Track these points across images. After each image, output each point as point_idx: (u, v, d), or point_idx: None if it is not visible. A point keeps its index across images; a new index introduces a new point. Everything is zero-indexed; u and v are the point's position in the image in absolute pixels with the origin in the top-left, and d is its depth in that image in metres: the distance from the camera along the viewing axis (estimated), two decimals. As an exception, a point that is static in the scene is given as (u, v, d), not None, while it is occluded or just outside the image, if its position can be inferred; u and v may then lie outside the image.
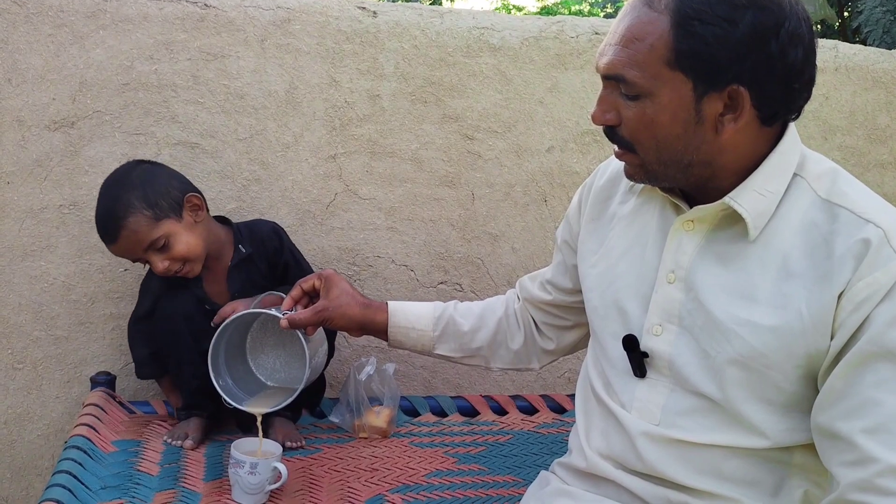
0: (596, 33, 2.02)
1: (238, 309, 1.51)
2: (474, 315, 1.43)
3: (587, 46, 2.00)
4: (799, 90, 1.00)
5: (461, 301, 1.47)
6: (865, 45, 2.44)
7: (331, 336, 1.68)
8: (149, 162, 1.67)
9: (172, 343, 1.60)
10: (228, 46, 1.81)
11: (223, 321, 1.46)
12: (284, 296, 1.43)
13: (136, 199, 1.55)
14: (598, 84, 2.09)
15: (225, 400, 1.44)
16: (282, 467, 1.38)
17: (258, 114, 1.84)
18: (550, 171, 2.02)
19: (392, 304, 1.42)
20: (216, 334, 1.43)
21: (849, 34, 4.43)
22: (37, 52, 1.72)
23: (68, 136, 1.75)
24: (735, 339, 1.00)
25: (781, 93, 0.99)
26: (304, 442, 1.63)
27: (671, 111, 0.99)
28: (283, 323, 1.35)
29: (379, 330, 1.41)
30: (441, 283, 2.00)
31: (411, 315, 1.41)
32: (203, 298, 1.64)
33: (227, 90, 1.82)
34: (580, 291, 1.25)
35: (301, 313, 1.36)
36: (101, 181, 1.76)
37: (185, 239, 1.58)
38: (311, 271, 1.74)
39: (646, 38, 0.97)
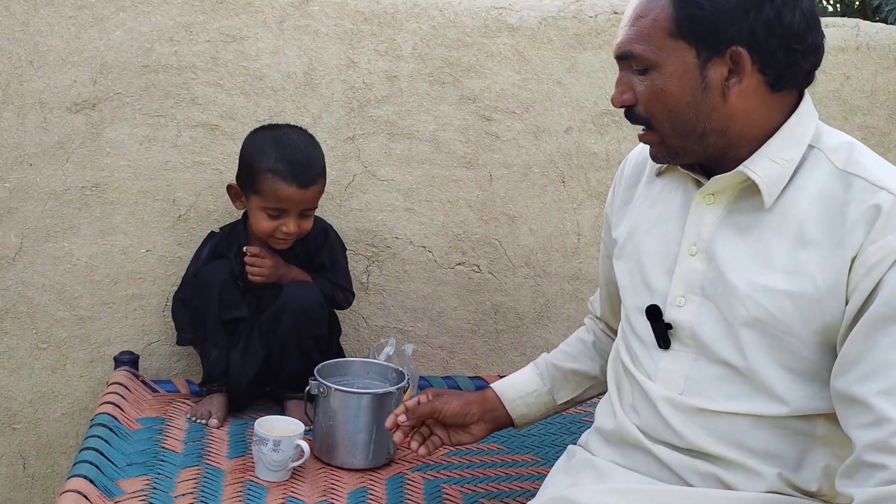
0: (615, 13, 2.01)
1: (270, 262, 1.65)
2: (568, 353, 1.41)
3: (606, 26, 1.99)
4: (802, 54, 1.02)
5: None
6: (886, 24, 2.41)
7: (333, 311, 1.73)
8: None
9: (201, 310, 1.63)
10: (247, 28, 1.81)
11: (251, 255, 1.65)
12: None
13: (324, 159, 1.69)
14: (616, 64, 2.08)
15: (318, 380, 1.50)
16: (304, 445, 1.40)
17: (277, 95, 1.84)
18: (568, 151, 2.02)
19: (495, 386, 1.39)
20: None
21: (869, 13, 4.37)
22: (58, 35, 1.73)
23: (89, 118, 1.76)
24: (750, 303, 1.02)
25: (782, 55, 1.01)
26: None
27: (678, 79, 1.03)
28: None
29: (494, 406, 1.36)
30: (459, 264, 2.01)
31: (517, 384, 1.39)
32: (238, 274, 1.67)
33: (246, 72, 1.82)
34: None
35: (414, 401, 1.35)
36: (122, 163, 1.78)
37: (312, 218, 1.68)
38: (347, 276, 1.79)
39: (649, 13, 1.03)
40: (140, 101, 1.78)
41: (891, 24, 3.41)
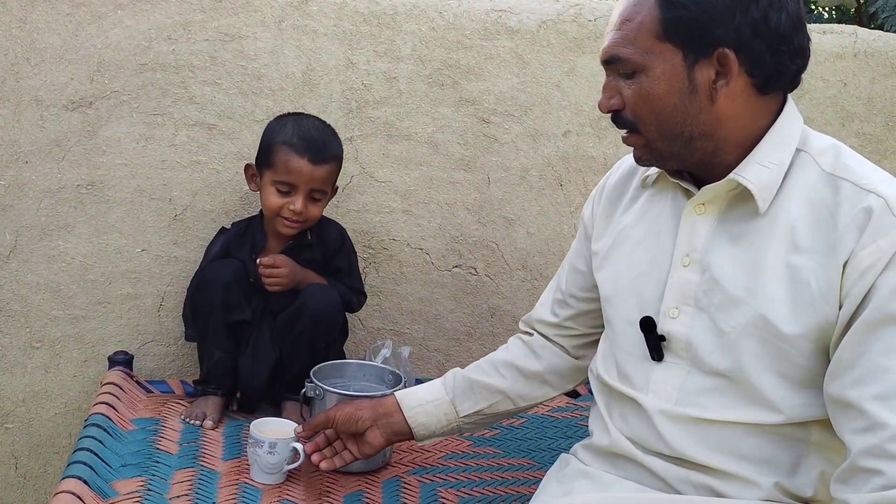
0: (614, 17, 2.01)
1: (286, 270, 1.63)
2: (478, 366, 1.38)
3: (605, 30, 1.99)
4: (789, 55, 1.03)
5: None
6: (882, 31, 2.41)
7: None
8: None
9: (204, 310, 1.63)
10: (246, 27, 1.80)
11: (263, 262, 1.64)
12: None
13: (341, 150, 1.72)
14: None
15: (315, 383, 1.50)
16: (300, 447, 1.39)
17: (275, 95, 1.84)
18: (566, 155, 2.02)
19: (397, 393, 1.37)
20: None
21: (865, 20, 4.39)
22: (55, 32, 1.71)
23: (86, 116, 1.75)
24: (746, 309, 1.02)
25: (769, 56, 1.02)
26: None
27: (665, 82, 1.03)
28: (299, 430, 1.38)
29: (389, 411, 1.34)
30: (455, 266, 2.00)
31: (420, 392, 1.37)
32: (252, 273, 1.67)
33: (244, 71, 1.81)
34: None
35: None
36: (118, 162, 1.77)
37: (324, 204, 1.70)
38: (361, 280, 1.81)
39: (635, 16, 1.04)
40: (137, 100, 1.77)
41: (887, 31, 3.42)
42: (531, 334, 1.39)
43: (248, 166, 1.71)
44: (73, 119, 1.75)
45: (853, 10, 4.70)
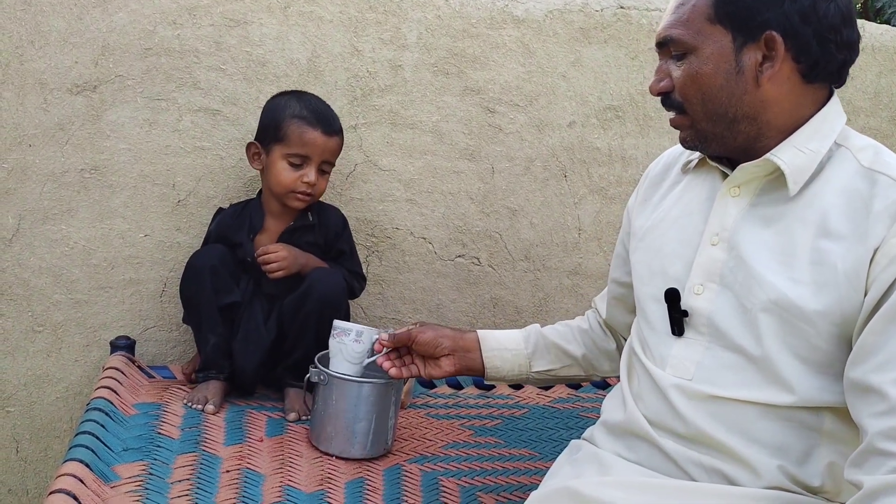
0: (621, 7, 2.00)
1: (285, 253, 1.64)
2: (557, 330, 1.45)
3: (612, 20, 1.98)
4: (836, 46, 1.05)
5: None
6: (889, 25, 2.41)
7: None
8: None
9: (195, 296, 1.62)
10: (251, 13, 1.79)
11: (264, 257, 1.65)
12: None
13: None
14: (622, 59, 2.07)
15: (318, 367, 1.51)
16: (384, 335, 1.43)
17: (280, 82, 1.83)
18: (571, 146, 2.01)
19: (479, 331, 1.43)
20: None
21: (871, 15, 4.37)
22: (60, 15, 1.71)
23: (90, 100, 1.75)
24: (769, 288, 1.04)
25: (816, 43, 1.04)
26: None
27: (714, 62, 1.06)
28: (384, 340, 1.42)
29: (469, 346, 1.40)
30: (459, 256, 2.00)
31: (501, 337, 1.42)
32: (249, 251, 1.68)
33: (249, 57, 1.81)
34: None
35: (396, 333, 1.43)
36: (122, 146, 1.77)
37: (327, 179, 1.73)
38: (359, 262, 1.82)
39: (690, 0, 1.08)
40: (141, 84, 1.76)
41: (894, 25, 3.40)
42: (602, 314, 1.45)
43: (250, 144, 1.71)
44: (77, 103, 1.74)
45: (860, 4, 4.68)
